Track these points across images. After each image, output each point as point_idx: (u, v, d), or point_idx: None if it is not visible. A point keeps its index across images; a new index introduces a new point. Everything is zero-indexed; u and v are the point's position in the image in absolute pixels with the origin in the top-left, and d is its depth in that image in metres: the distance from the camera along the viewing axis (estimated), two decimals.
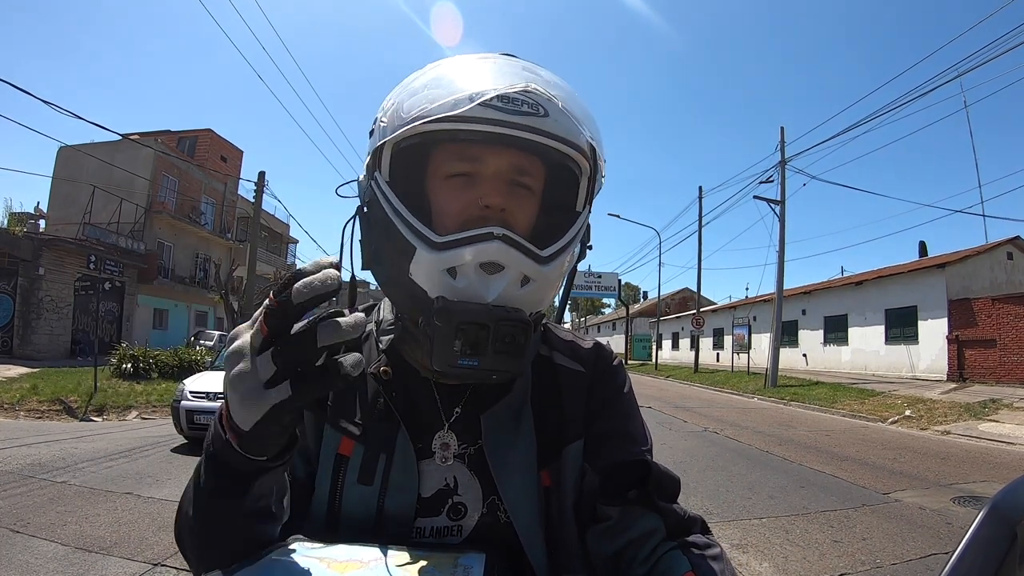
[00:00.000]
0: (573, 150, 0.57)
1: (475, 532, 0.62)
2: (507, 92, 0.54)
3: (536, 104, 0.55)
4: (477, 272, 0.54)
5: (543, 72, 0.61)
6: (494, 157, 0.58)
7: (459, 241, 0.54)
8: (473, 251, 0.54)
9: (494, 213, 0.56)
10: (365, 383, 0.67)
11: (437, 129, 0.55)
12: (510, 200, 0.58)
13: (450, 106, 0.53)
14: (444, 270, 0.55)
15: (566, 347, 0.74)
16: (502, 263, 0.54)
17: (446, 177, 0.59)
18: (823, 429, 9.55)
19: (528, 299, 0.57)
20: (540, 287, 0.57)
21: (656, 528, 0.60)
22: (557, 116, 0.55)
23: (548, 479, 0.64)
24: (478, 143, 0.57)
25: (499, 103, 0.54)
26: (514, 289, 0.55)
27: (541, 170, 0.61)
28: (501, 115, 0.54)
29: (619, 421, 0.69)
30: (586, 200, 0.63)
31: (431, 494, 0.62)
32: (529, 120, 0.54)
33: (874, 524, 4.25)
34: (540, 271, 0.56)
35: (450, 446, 0.63)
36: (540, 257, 0.56)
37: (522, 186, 0.60)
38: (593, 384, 0.71)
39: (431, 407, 0.65)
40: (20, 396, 9.84)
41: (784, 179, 17.24)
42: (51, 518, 4.01)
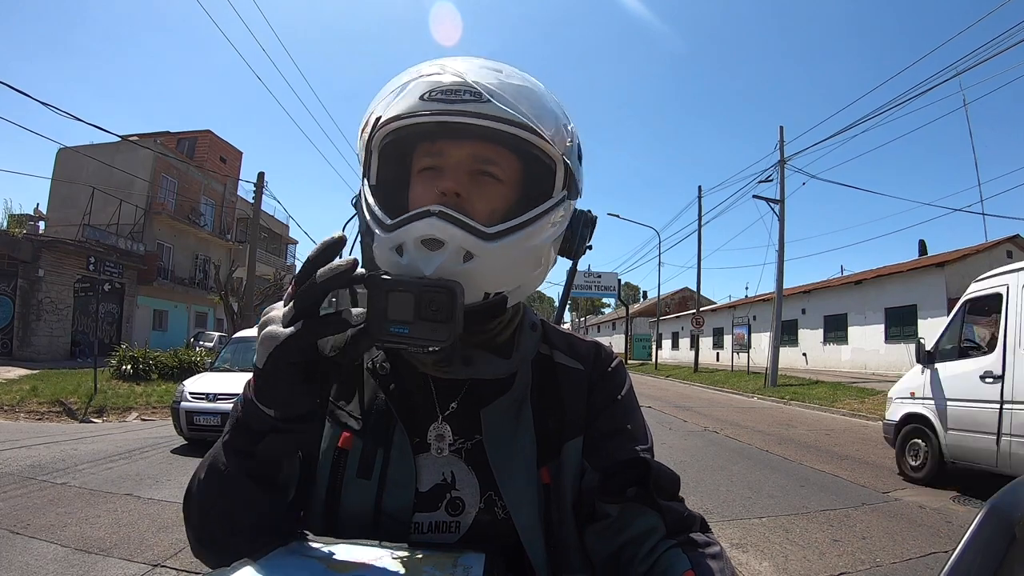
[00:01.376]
0: (523, 131, 0.58)
1: (473, 528, 0.62)
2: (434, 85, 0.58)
3: (477, 92, 0.57)
4: (418, 248, 0.57)
5: (504, 67, 0.63)
6: (453, 148, 0.61)
7: (402, 220, 0.58)
8: (413, 228, 0.57)
9: (449, 199, 0.59)
10: (363, 378, 0.68)
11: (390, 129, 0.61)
12: (469, 187, 0.60)
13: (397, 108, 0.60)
14: (392, 248, 0.58)
15: (565, 345, 0.74)
16: (441, 238, 0.56)
17: (419, 172, 0.63)
18: (823, 428, 9.56)
19: (472, 274, 0.57)
20: (485, 264, 0.57)
21: (655, 526, 0.60)
22: (500, 100, 0.57)
23: (547, 476, 0.64)
24: (441, 137, 0.61)
25: (441, 95, 0.57)
26: (454, 264, 0.56)
27: (510, 160, 0.62)
28: (442, 105, 0.57)
29: (619, 419, 0.69)
30: (564, 186, 0.63)
31: (429, 488, 0.63)
32: (469, 106, 0.57)
33: (874, 523, 4.25)
34: (483, 247, 0.57)
35: (445, 437, 0.64)
36: (483, 233, 0.57)
37: (486, 175, 0.61)
38: (593, 382, 0.71)
39: (427, 401, 0.65)
40: (20, 398, 9.83)
41: (783, 178, 17.26)
42: (51, 519, 4.01)
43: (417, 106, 0.58)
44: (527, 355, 0.70)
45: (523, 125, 0.58)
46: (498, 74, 0.60)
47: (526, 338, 0.71)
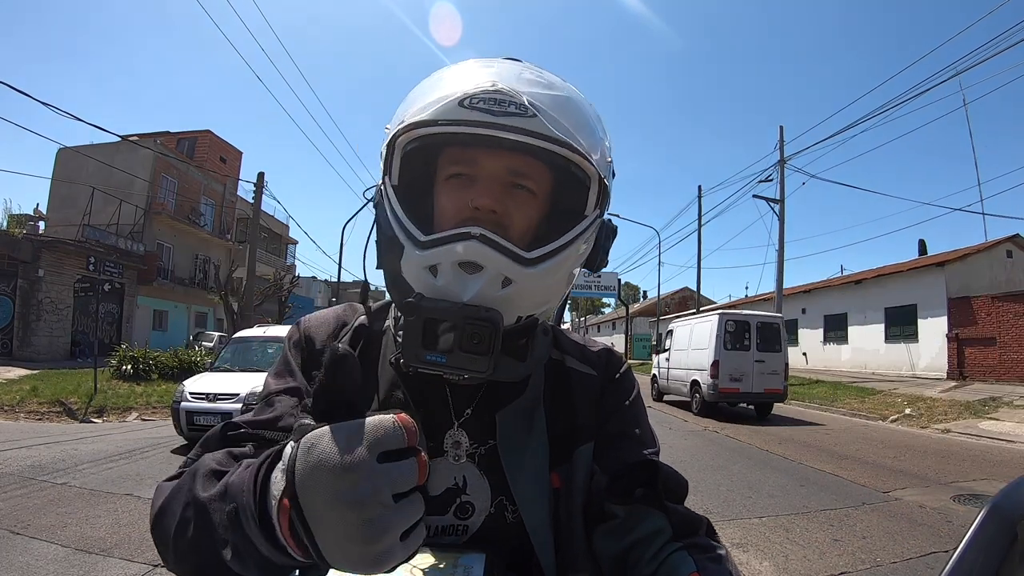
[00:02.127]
0: (566, 150, 0.56)
1: (480, 531, 0.63)
2: (477, 92, 0.54)
3: (523, 105, 0.54)
4: (455, 271, 0.55)
5: (545, 74, 0.61)
6: (488, 158, 0.58)
7: (439, 240, 0.55)
8: (450, 250, 0.55)
9: (484, 214, 0.57)
10: (380, 372, 0.67)
11: (425, 133, 0.57)
12: (504, 202, 0.58)
13: (432, 112, 0.55)
14: (426, 268, 0.56)
15: (577, 351, 0.75)
16: (480, 263, 0.54)
17: (446, 178, 0.60)
18: (823, 428, 9.56)
19: (509, 301, 0.56)
20: (523, 289, 0.56)
21: (662, 528, 0.61)
22: (546, 116, 0.55)
23: (557, 480, 0.64)
24: (473, 145, 0.57)
25: (483, 104, 0.54)
26: (493, 290, 0.55)
27: (544, 173, 0.61)
28: (485, 116, 0.54)
29: (628, 423, 0.70)
30: (596, 205, 0.62)
31: (440, 492, 0.63)
32: (514, 120, 0.54)
33: (874, 522, 4.25)
34: (523, 272, 0.56)
35: (462, 444, 0.63)
36: (523, 259, 0.56)
37: (521, 188, 0.60)
38: (604, 387, 0.72)
39: (443, 405, 0.65)
40: (20, 398, 9.83)
41: (783, 178, 17.28)
42: (51, 520, 4.01)
43: (457, 113, 0.55)
44: (540, 359, 0.70)
45: (567, 145, 0.56)
46: (544, 85, 0.58)
47: (539, 342, 0.70)
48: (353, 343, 0.69)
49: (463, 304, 0.53)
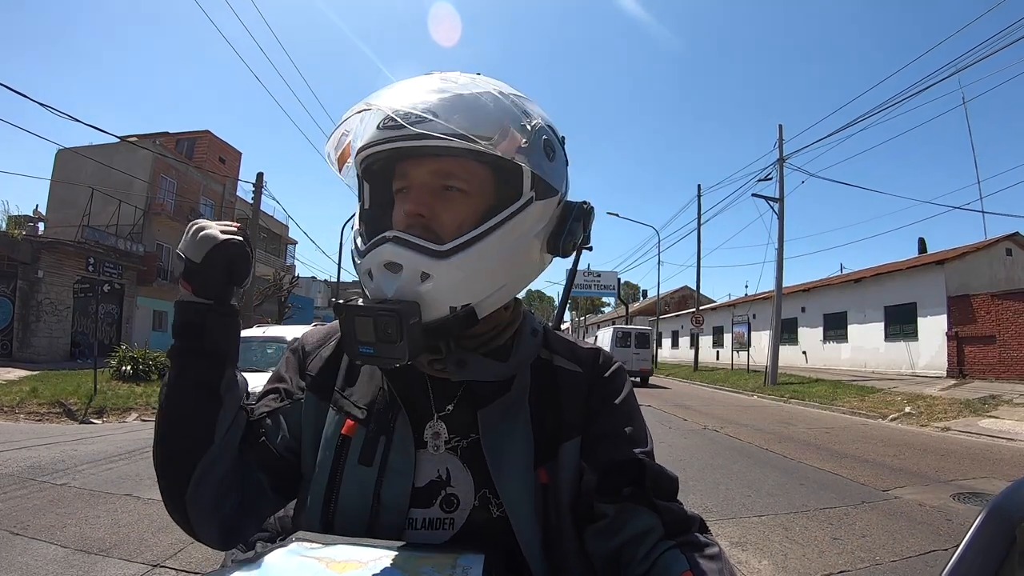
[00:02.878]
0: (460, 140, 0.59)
1: (467, 525, 0.63)
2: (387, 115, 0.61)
3: (417, 115, 0.59)
4: (382, 272, 0.61)
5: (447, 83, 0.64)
6: (414, 168, 0.64)
7: (369, 247, 0.62)
8: (375, 254, 0.61)
9: (415, 219, 0.62)
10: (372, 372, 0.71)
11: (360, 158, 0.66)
12: (432, 205, 0.62)
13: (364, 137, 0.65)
14: (364, 273, 0.63)
15: (566, 350, 0.76)
16: (399, 262, 0.60)
17: (396, 193, 0.67)
18: (823, 426, 9.57)
19: (432, 293, 0.59)
20: (444, 280, 0.59)
21: (653, 526, 0.61)
22: (447, 116, 0.59)
23: (545, 476, 0.65)
24: (405, 159, 0.64)
25: (393, 122, 0.60)
26: (412, 285, 0.59)
27: (475, 170, 0.63)
28: (391, 133, 0.61)
29: (617, 422, 0.70)
30: (532, 187, 0.63)
31: (424, 484, 0.64)
32: (419, 127, 0.59)
33: (874, 521, 4.25)
34: (438, 265, 0.59)
35: (440, 435, 0.66)
36: (436, 252, 0.59)
37: (451, 189, 0.63)
38: (592, 384, 0.72)
39: (425, 399, 0.67)
40: (20, 399, 9.83)
41: (783, 177, 17.27)
42: (51, 520, 4.01)
43: (375, 136, 0.63)
44: (525, 359, 0.71)
45: (459, 136, 0.59)
46: (439, 93, 0.62)
47: (525, 343, 0.72)
48: (339, 349, 0.75)
49: (378, 301, 0.60)
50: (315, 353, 0.75)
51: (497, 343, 0.70)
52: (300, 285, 30.71)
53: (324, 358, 0.74)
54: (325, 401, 0.70)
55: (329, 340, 0.77)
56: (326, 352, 0.75)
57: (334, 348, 0.75)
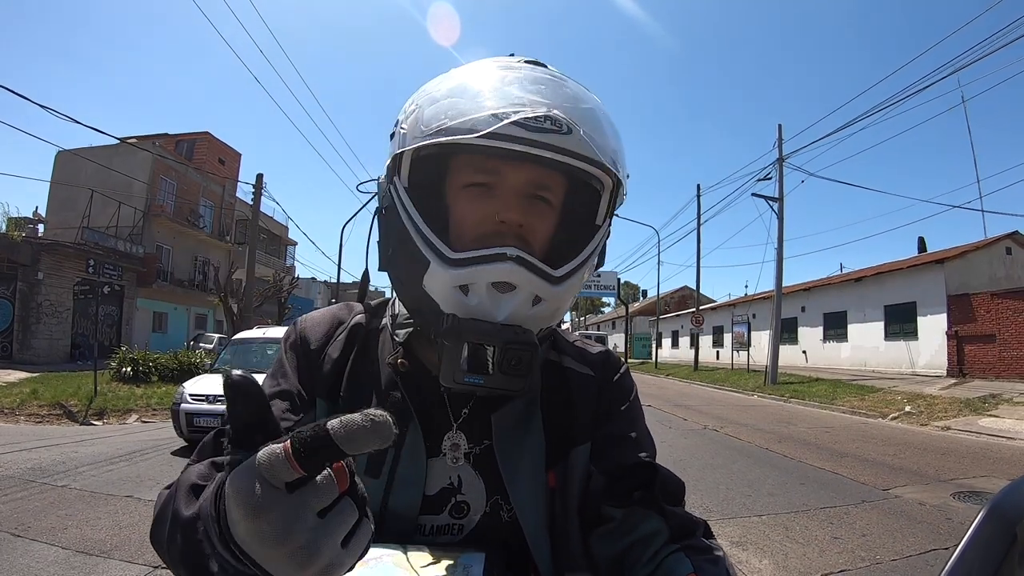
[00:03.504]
0: (594, 167, 0.57)
1: (476, 531, 0.63)
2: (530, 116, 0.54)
3: (559, 122, 0.54)
4: (489, 291, 0.55)
5: (569, 86, 0.60)
6: (513, 171, 0.58)
7: (473, 259, 0.55)
8: (486, 271, 0.55)
9: (510, 228, 0.57)
10: (378, 373, 0.67)
11: (463, 143, 0.55)
12: (528, 215, 0.58)
13: (474, 123, 0.54)
14: (456, 287, 0.56)
15: (575, 352, 0.75)
16: (514, 283, 0.55)
17: (464, 187, 0.60)
18: (823, 426, 9.56)
19: (539, 318, 0.58)
20: (551, 306, 0.58)
21: (659, 530, 0.61)
22: (579, 134, 0.55)
23: (554, 480, 0.64)
24: (499, 157, 0.57)
25: (525, 121, 0.54)
26: (525, 309, 0.56)
27: (562, 184, 0.62)
28: (523, 132, 0.53)
29: (626, 425, 0.70)
30: (606, 215, 0.64)
31: (435, 492, 0.63)
32: (551, 138, 0.54)
33: (874, 520, 4.25)
34: (552, 291, 0.57)
35: (460, 446, 0.64)
36: (553, 278, 0.57)
37: (541, 200, 0.60)
38: (601, 388, 0.72)
39: (440, 407, 0.65)
40: (20, 400, 9.82)
41: (782, 176, 17.26)
42: (52, 522, 4.00)
43: (493, 125, 0.53)
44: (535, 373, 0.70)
45: (600, 165, 0.57)
46: (573, 98, 0.58)
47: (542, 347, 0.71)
48: (349, 342, 0.69)
49: (501, 326, 0.54)
50: (322, 352, 0.68)
51: None
52: (300, 286, 30.70)
53: (333, 359, 0.68)
54: (332, 404, 0.66)
55: (335, 337, 0.70)
56: (334, 352, 0.68)
57: (343, 347, 0.69)
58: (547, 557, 0.61)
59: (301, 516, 0.34)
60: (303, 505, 0.34)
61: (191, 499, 0.48)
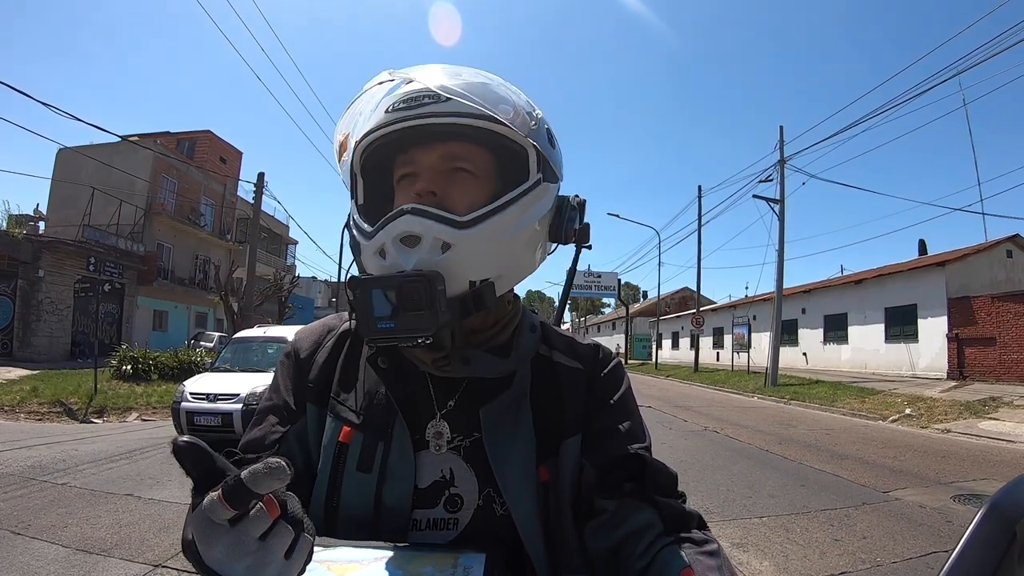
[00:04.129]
0: (484, 121, 0.60)
1: (471, 525, 0.63)
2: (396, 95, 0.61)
3: (435, 93, 0.59)
4: (397, 247, 0.59)
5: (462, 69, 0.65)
6: (424, 153, 0.63)
7: (380, 224, 0.60)
8: (390, 228, 0.59)
9: (424, 198, 0.61)
10: (363, 372, 0.70)
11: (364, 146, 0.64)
12: (445, 186, 0.62)
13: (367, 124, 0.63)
14: (375, 252, 0.61)
15: (565, 346, 0.75)
16: (417, 233, 0.58)
17: (398, 181, 0.66)
18: (823, 428, 9.56)
19: (452, 263, 0.58)
20: (464, 251, 0.59)
21: (652, 522, 0.61)
22: (459, 96, 0.59)
23: (546, 474, 0.65)
24: (410, 145, 0.63)
25: (403, 104, 0.61)
26: (434, 255, 0.58)
27: (481, 154, 0.64)
28: (407, 113, 0.60)
29: (617, 417, 0.70)
30: (539, 170, 0.65)
31: (427, 485, 0.64)
32: (430, 108, 0.60)
33: (874, 522, 4.25)
34: (459, 235, 0.58)
35: (443, 435, 0.65)
36: (457, 222, 0.59)
37: (460, 171, 0.63)
38: (592, 381, 0.72)
39: (426, 399, 0.66)
40: (20, 398, 9.84)
41: (783, 178, 17.26)
42: (52, 520, 4.01)
43: (384, 119, 0.61)
44: (526, 355, 0.70)
45: (483, 116, 0.60)
46: (454, 76, 0.62)
47: (525, 339, 0.72)
48: (336, 346, 0.73)
49: (399, 272, 0.58)
50: (311, 359, 0.73)
51: (500, 339, 0.69)
52: (300, 285, 30.71)
53: (320, 364, 0.72)
54: (323, 408, 0.69)
55: (324, 343, 0.74)
56: (321, 357, 0.73)
57: (330, 351, 0.73)
58: (541, 550, 0.62)
59: (243, 541, 0.41)
60: (243, 533, 0.41)
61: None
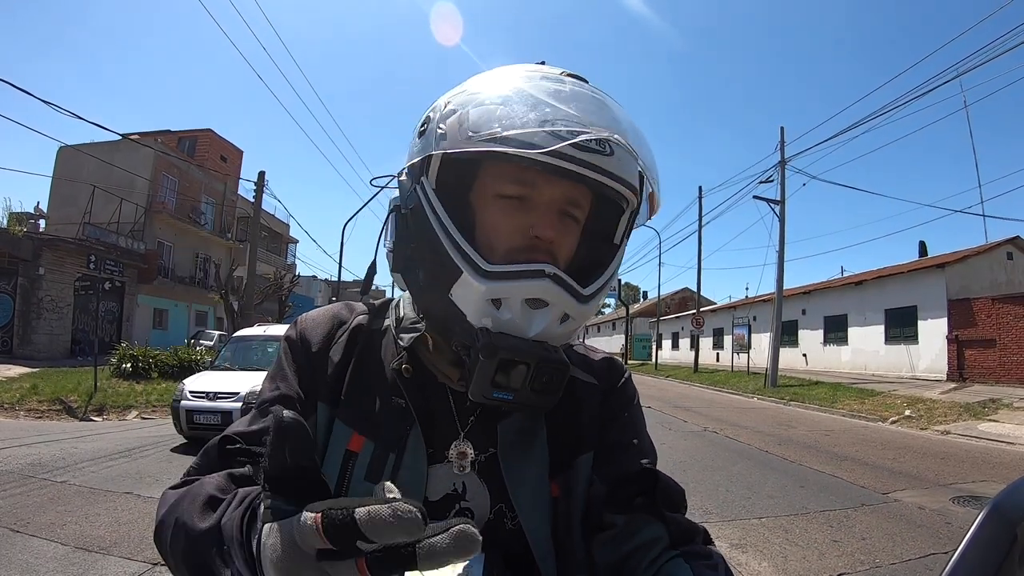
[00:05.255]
0: (628, 189, 0.58)
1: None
2: (589, 138, 0.53)
3: (604, 142, 0.54)
4: (522, 307, 0.55)
5: (615, 107, 0.59)
6: (549, 186, 0.57)
7: (509, 274, 0.54)
8: (523, 286, 0.54)
9: (544, 244, 0.57)
10: (380, 377, 0.66)
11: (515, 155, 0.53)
12: (560, 232, 0.58)
13: (529, 139, 0.52)
14: (489, 300, 0.55)
15: (580, 360, 0.74)
16: (548, 300, 0.55)
17: (497, 196, 0.58)
18: (823, 429, 9.56)
19: (564, 335, 0.58)
20: (576, 324, 0.58)
21: (660, 536, 0.61)
22: (621, 156, 0.56)
23: (556, 489, 0.64)
24: (535, 169, 0.55)
25: (570, 135, 0.53)
26: (555, 326, 0.56)
27: (589, 200, 0.62)
28: (573, 151, 0.53)
29: (629, 433, 0.70)
30: (625, 233, 0.64)
31: (438, 498, 0.62)
32: (596, 159, 0.54)
33: (873, 524, 4.25)
34: (579, 309, 0.57)
35: (467, 455, 0.63)
36: (582, 296, 0.57)
37: (570, 216, 0.60)
38: (605, 396, 0.72)
39: (447, 413, 0.64)
40: (20, 396, 9.83)
41: (784, 179, 17.26)
42: (51, 518, 4.01)
43: (554, 144, 0.51)
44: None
45: (634, 189, 0.58)
46: (626, 121, 0.58)
47: None
48: (351, 344, 0.68)
49: (534, 343, 0.54)
50: (324, 354, 0.67)
51: None
52: (301, 284, 30.71)
53: (335, 363, 0.67)
54: (334, 408, 0.65)
55: (337, 338, 0.68)
56: (336, 355, 0.67)
57: (344, 349, 0.67)
58: (551, 566, 0.61)
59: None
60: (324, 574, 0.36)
61: (207, 511, 0.50)
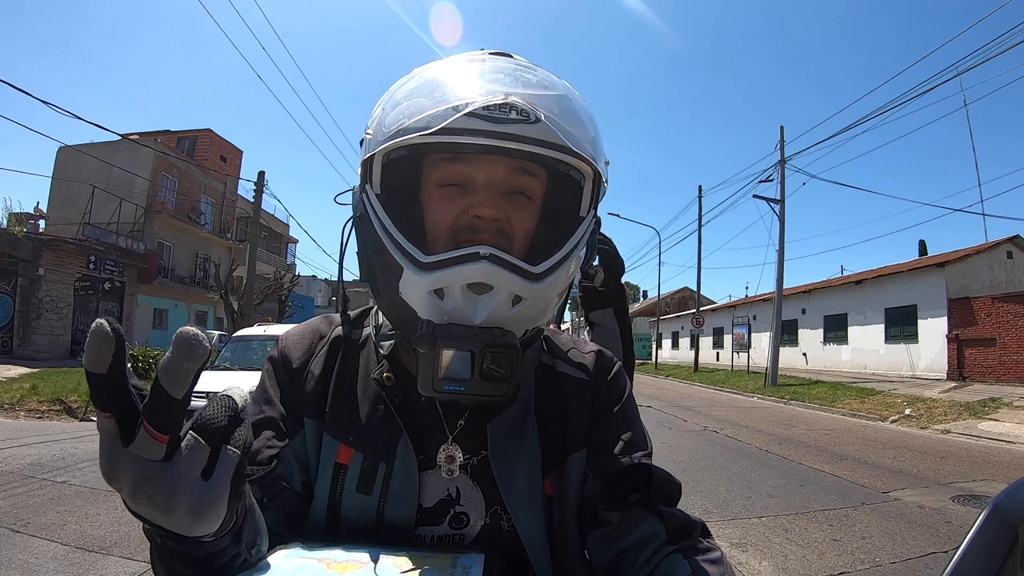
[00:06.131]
0: (569, 156, 0.55)
1: (477, 541, 0.62)
2: (487, 104, 0.51)
3: (524, 111, 0.52)
4: (465, 293, 0.53)
5: (538, 72, 0.59)
6: (487, 166, 0.56)
7: (445, 262, 0.53)
8: (459, 272, 0.52)
9: (487, 224, 0.55)
10: (364, 388, 0.66)
11: (422, 143, 0.53)
12: (506, 210, 0.56)
13: (430, 120, 0.51)
14: (431, 291, 0.53)
15: (567, 354, 0.73)
16: (491, 283, 0.53)
17: (438, 186, 0.58)
18: (823, 428, 9.56)
19: (521, 318, 0.55)
20: (533, 305, 0.56)
21: (656, 532, 0.60)
22: (548, 122, 0.53)
23: (551, 488, 0.63)
24: (474, 154, 0.55)
25: (484, 112, 0.51)
26: (504, 309, 0.54)
27: (541, 176, 0.60)
28: (488, 124, 0.51)
29: (621, 427, 0.68)
30: (590, 205, 0.62)
31: (433, 504, 0.62)
32: (518, 128, 0.52)
33: (874, 523, 4.25)
34: (532, 289, 0.54)
35: (456, 459, 0.62)
36: (532, 274, 0.55)
37: (520, 193, 0.58)
38: (596, 391, 0.70)
39: (434, 418, 0.63)
40: (20, 396, 9.83)
41: (784, 178, 17.25)
42: (51, 518, 4.01)
43: (459, 122, 0.51)
44: (529, 366, 0.68)
45: (572, 152, 0.54)
46: (541, 85, 0.56)
47: (529, 350, 0.69)
48: (331, 356, 0.67)
49: (479, 329, 0.52)
50: (304, 369, 0.66)
51: None
52: (300, 284, 30.69)
53: (315, 376, 0.65)
54: (320, 422, 0.64)
55: (316, 352, 0.68)
56: (316, 368, 0.66)
57: (324, 362, 0.66)
58: (547, 565, 0.60)
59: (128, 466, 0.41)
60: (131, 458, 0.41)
61: None
